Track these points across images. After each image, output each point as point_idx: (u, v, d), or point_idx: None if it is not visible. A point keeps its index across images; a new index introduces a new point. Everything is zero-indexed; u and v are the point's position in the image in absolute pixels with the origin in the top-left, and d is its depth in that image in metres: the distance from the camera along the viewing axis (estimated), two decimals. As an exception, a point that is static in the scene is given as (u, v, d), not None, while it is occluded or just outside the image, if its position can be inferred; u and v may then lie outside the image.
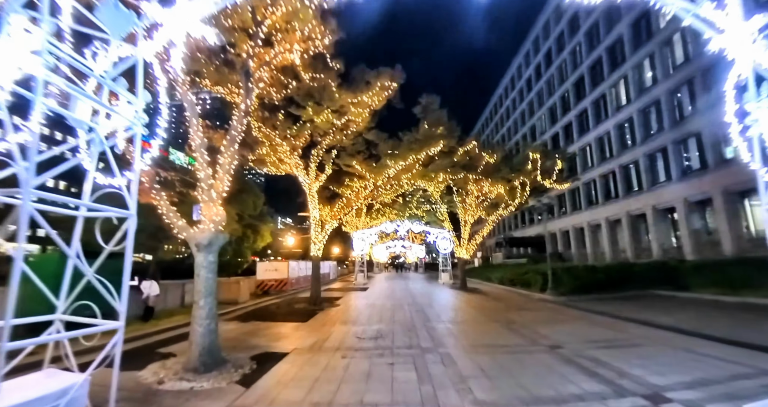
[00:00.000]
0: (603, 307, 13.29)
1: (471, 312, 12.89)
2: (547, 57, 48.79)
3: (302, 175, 15.51)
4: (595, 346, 7.69)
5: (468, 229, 23.91)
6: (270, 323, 10.94)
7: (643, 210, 32.20)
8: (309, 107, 12.83)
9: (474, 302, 15.92)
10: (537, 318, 11.62)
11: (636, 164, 33.30)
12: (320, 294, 14.82)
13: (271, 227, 27.59)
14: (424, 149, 13.61)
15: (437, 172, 15.82)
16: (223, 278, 16.37)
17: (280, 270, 20.11)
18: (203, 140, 6.80)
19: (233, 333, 9.65)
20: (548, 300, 16.79)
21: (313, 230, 15.42)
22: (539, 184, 21.83)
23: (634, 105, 33.06)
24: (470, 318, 11.57)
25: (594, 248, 40.00)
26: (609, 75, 36.14)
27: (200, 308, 6.57)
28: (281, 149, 14.85)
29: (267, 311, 13.67)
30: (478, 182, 20.08)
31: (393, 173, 14.79)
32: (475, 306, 14.33)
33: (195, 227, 6.85)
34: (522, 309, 13.93)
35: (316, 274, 14.95)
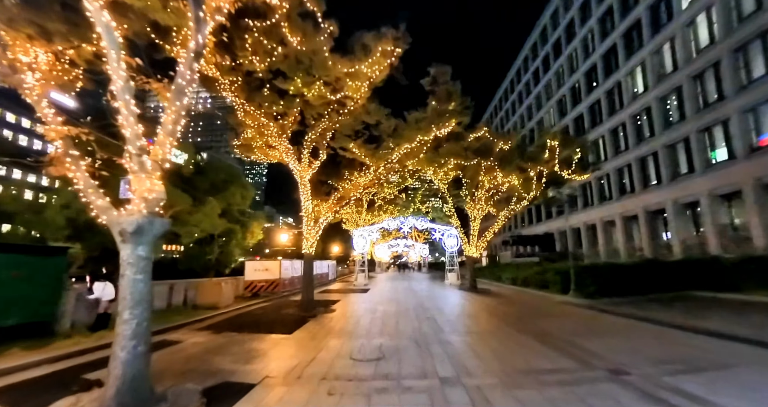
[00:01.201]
0: (645, 312, 11.25)
1: (490, 319, 10.86)
2: (556, 47, 46.71)
3: (293, 162, 13.54)
4: (672, 370, 5.67)
5: (477, 225, 21.89)
6: (247, 335, 8.94)
7: (663, 205, 30.14)
8: (298, 78, 10.85)
9: (489, 306, 13.90)
10: (572, 327, 9.60)
11: (654, 156, 31.23)
12: (313, 298, 12.82)
13: (262, 222, 25.70)
14: (432, 128, 11.59)
15: (447, 157, 13.77)
16: (203, 280, 14.41)
17: (271, 270, 18.12)
18: (128, 82, 4.80)
19: (196, 349, 7.64)
20: (573, 304, 14.77)
21: (305, 224, 13.44)
22: (556, 175, 19.78)
23: (651, 93, 31.00)
24: (492, 327, 9.54)
25: (607, 246, 37.91)
26: (624, 62, 34.07)
27: (124, 323, 4.59)
28: (268, 131, 12.89)
29: (249, 318, 11.67)
30: (491, 172, 18.04)
31: (396, 158, 12.78)
32: (492, 312, 12.30)
33: (124, 209, 4.88)
34: (548, 314, 11.91)
35: (308, 275, 12.96)
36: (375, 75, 11.29)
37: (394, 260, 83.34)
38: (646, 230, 32.33)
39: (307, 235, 13.28)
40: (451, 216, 23.23)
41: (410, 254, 66.11)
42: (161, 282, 12.82)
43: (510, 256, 39.40)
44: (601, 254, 38.02)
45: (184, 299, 13.62)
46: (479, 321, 10.52)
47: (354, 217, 34.18)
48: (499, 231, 22.51)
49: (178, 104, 5.20)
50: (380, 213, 34.49)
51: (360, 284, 25.85)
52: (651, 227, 32.16)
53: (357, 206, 34.04)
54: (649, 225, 32.16)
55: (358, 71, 11.05)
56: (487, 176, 18.44)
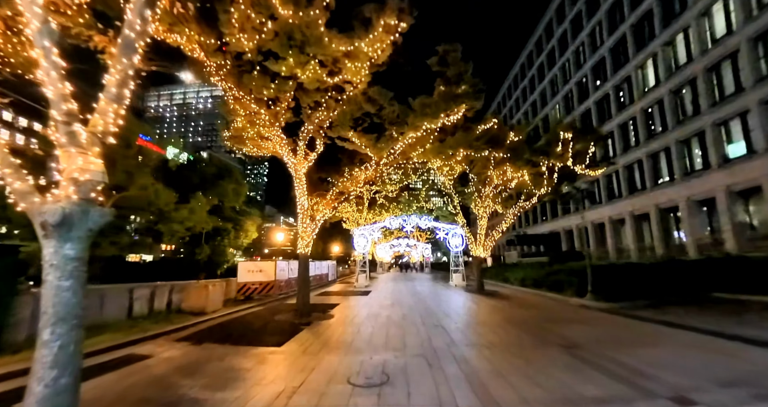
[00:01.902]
0: (675, 317, 10.15)
1: (506, 326, 9.66)
2: (561, 41, 45.50)
3: (287, 154, 12.37)
4: (745, 397, 4.51)
5: (485, 223, 20.68)
6: (230, 347, 7.77)
7: (675, 202, 28.97)
8: (290, 55, 9.67)
9: (502, 310, 12.70)
10: (601, 335, 8.42)
11: (667, 152, 30.06)
12: (309, 302, 11.64)
13: (257, 221, 24.38)
14: (440, 115, 10.40)
15: (456, 148, 12.56)
16: (189, 282, 13.25)
17: (265, 271, 16.94)
18: (47, 24, 3.62)
19: (164, 367, 6.46)
20: (592, 307, 13.57)
21: (300, 222, 12.26)
22: (569, 169, 18.57)
23: (664, 86, 29.82)
24: (511, 337, 8.34)
25: (616, 245, 36.72)
26: (635, 55, 32.87)
27: (44, 346, 3.40)
28: (260, 119, 11.74)
29: (236, 326, 10.48)
30: (500, 167, 16.85)
31: (400, 149, 11.59)
32: (507, 317, 11.10)
33: (50, 195, 3.71)
34: (569, 320, 10.72)
35: (303, 277, 11.77)
36: (376, 55, 10.11)
37: (396, 260, 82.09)
38: (657, 229, 31.17)
39: (303, 234, 12.09)
40: (457, 214, 22.05)
41: (412, 254, 64.89)
42: (143, 285, 11.67)
43: (516, 256, 38.18)
44: (610, 254, 36.85)
45: (168, 304, 12.46)
46: (495, 329, 9.33)
47: (355, 216, 33.02)
48: (503, 231, 21.30)
49: (126, 61, 4.01)
50: (382, 212, 33.28)
51: (361, 286, 24.67)
52: (663, 225, 31.00)
53: (358, 205, 32.90)
54: (661, 223, 31.00)
55: (357, 50, 9.87)
56: (496, 171, 17.24)
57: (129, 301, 10.94)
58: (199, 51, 10.27)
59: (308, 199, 12.53)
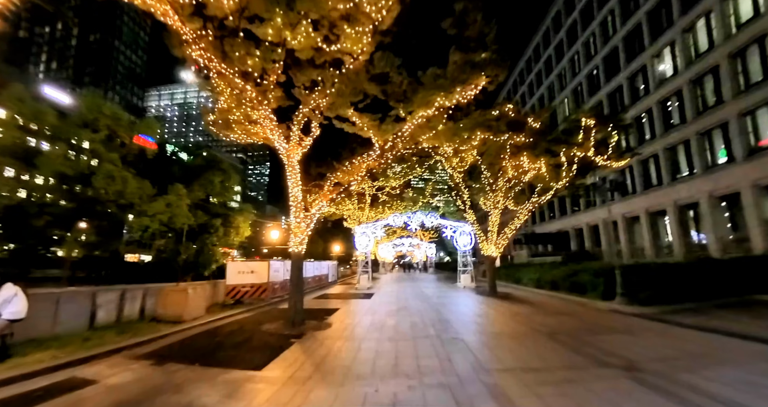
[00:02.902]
0: (731, 324, 8.66)
1: (538, 339, 8.01)
2: (570, 33, 43.80)
3: (278, 138, 10.77)
4: None
5: (497, 220, 19.05)
6: (197, 370, 6.16)
7: (695, 198, 27.25)
8: (277, 14, 8.07)
9: (525, 317, 11.05)
10: (659, 351, 6.82)
11: (686, 145, 28.31)
12: (303, 308, 10.01)
13: (249, 217, 22.71)
14: (456, 88, 8.76)
15: (472, 130, 10.86)
16: (166, 285, 11.66)
17: (257, 273, 15.32)
18: None
19: (99, 402, 4.85)
20: (626, 313, 11.95)
21: (292, 216, 10.66)
22: (589, 160, 16.93)
23: (682, 76, 28.11)
24: (551, 356, 6.69)
25: (630, 245, 35.00)
26: (650, 44, 31.15)
27: None
28: (246, 98, 10.15)
29: (215, 338, 8.85)
30: (516, 157, 15.25)
31: (408, 132, 9.96)
32: (534, 327, 9.46)
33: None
34: (607, 329, 9.09)
35: (296, 279, 10.15)
36: (380, 16, 8.50)
37: (398, 260, 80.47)
38: (675, 226, 29.43)
39: (296, 229, 10.48)
40: (466, 210, 20.39)
41: (415, 253, 63.26)
42: (110, 288, 10.11)
43: (526, 255, 36.53)
44: (624, 253, 35.14)
45: (141, 310, 10.87)
46: (525, 342, 7.68)
47: (356, 214, 31.41)
48: (516, 228, 19.68)
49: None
50: (385, 209, 31.65)
51: (363, 288, 23.05)
52: (681, 222, 29.28)
53: (359, 203, 31.31)
54: (679, 221, 29.27)
55: (357, 9, 8.26)
56: (511, 162, 15.62)
57: (91, 308, 9.33)
58: (173, 16, 8.69)
59: (302, 190, 10.93)
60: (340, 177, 10.98)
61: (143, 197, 16.33)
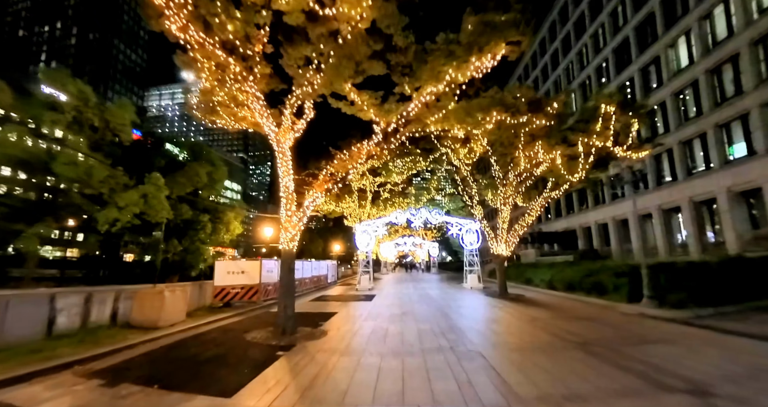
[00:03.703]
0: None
1: (572, 353, 6.72)
2: (578, 25, 42.41)
3: (267, 121, 9.51)
4: None
5: (507, 216, 17.77)
6: (153, 394, 4.89)
7: (713, 194, 25.88)
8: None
9: (547, 324, 9.75)
10: (733, 369, 5.53)
11: (702, 138, 26.94)
12: (294, 314, 8.74)
13: (241, 213, 21.32)
14: (471, 56, 7.49)
15: (488, 110, 9.51)
16: (142, 287, 10.41)
17: (248, 273, 14.06)
18: None
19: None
20: (658, 317, 10.65)
21: (283, 209, 9.41)
22: (607, 151, 15.62)
23: (699, 66, 26.76)
24: (596, 377, 5.39)
25: (642, 243, 33.54)
26: (664, 33, 29.79)
27: None
28: (230, 74, 8.92)
29: (188, 350, 7.57)
30: (531, 146, 13.97)
31: (414, 111, 8.68)
32: (561, 336, 8.16)
33: None
34: (648, 339, 7.80)
35: (286, 282, 8.88)
36: (382, -28, 7.23)
37: (400, 259, 79.19)
38: (691, 224, 28.06)
39: (287, 224, 9.21)
40: (473, 206, 19.10)
41: (417, 253, 61.94)
42: (71, 290, 8.85)
43: (534, 255, 35.17)
44: (635, 252, 33.76)
45: (113, 315, 9.61)
46: (556, 357, 6.39)
47: (357, 212, 30.12)
48: (527, 225, 18.39)
49: None
50: (387, 207, 30.35)
51: (364, 289, 21.76)
52: (697, 219, 27.92)
53: (360, 200, 30.03)
54: (695, 218, 27.91)
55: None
56: (525, 152, 14.33)
57: (50, 313, 8.08)
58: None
59: (295, 180, 9.67)
60: (337, 166, 9.71)
61: (117, 187, 14.94)
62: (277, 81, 10.12)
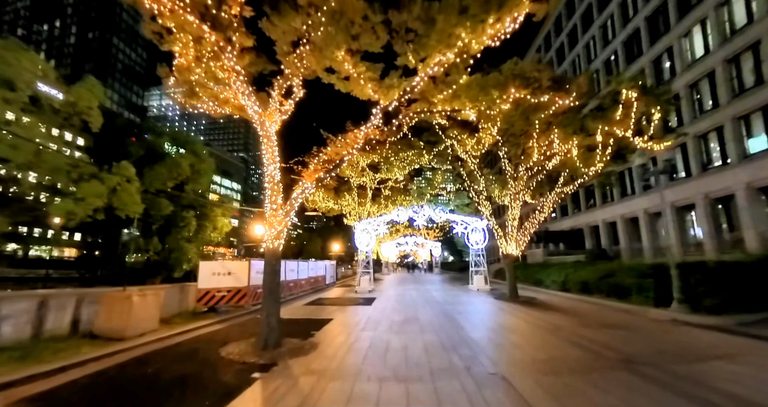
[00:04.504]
0: None
1: (622, 376, 5.43)
2: (585, 17, 41.08)
3: (250, 102, 8.25)
4: None
5: (517, 213, 16.50)
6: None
7: (730, 190, 24.57)
8: None
9: (573, 334, 8.47)
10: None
11: (719, 132, 25.62)
12: (280, 325, 7.47)
13: (230, 210, 19.88)
14: (489, 17, 6.23)
15: (504, 87, 8.19)
16: (106, 290, 9.17)
17: (235, 274, 12.80)
18: None
19: None
20: (693, 323, 9.39)
21: (268, 202, 8.15)
22: (627, 141, 14.32)
23: (715, 55, 25.45)
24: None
25: (653, 242, 32.27)
26: (677, 22, 28.48)
27: None
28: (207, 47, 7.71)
29: (149, 367, 6.31)
30: (546, 135, 12.72)
31: (420, 86, 7.42)
32: (599, 351, 6.88)
33: None
34: (702, 355, 6.51)
35: (270, 285, 7.61)
36: None
37: (401, 259, 77.90)
38: (707, 222, 26.72)
39: (272, 218, 7.96)
40: (480, 203, 17.81)
41: (419, 252, 60.63)
42: (19, 294, 7.62)
43: (541, 254, 33.88)
44: (646, 251, 32.43)
45: (74, 323, 8.37)
46: (600, 382, 5.11)
47: (357, 210, 28.86)
48: (539, 222, 17.14)
49: None
50: (388, 205, 29.07)
51: (363, 291, 20.49)
52: (713, 217, 26.58)
53: (360, 197, 28.76)
54: (711, 215, 26.57)
55: None
56: (539, 141, 13.07)
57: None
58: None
59: (282, 168, 8.42)
60: (331, 152, 8.45)
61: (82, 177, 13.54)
62: (264, 61, 8.92)
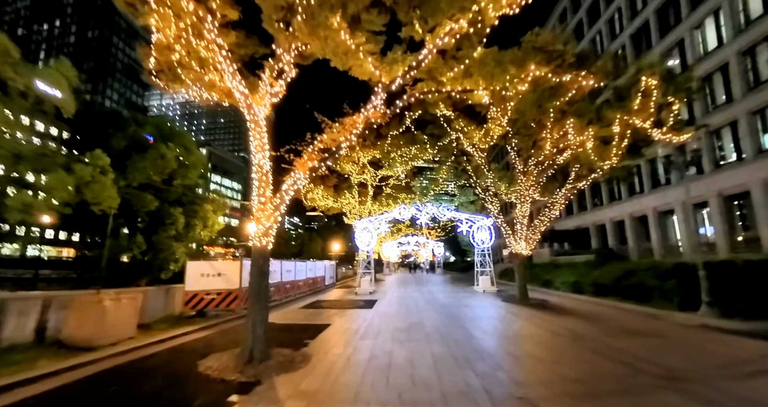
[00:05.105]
0: None
1: (674, 400, 4.52)
2: (592, 11, 40.12)
3: (234, 81, 7.33)
4: None
5: (527, 210, 15.57)
6: None
7: (745, 187, 23.60)
8: None
9: (599, 343, 7.53)
10: None
11: (733, 126, 24.66)
12: (266, 334, 6.55)
13: (221, 206, 18.86)
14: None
15: (523, 63, 7.23)
16: (77, 293, 8.25)
17: (226, 276, 11.89)
18: None
19: None
20: (733, 331, 8.43)
21: (255, 194, 7.23)
22: (646, 133, 13.37)
23: (729, 47, 24.51)
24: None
25: (663, 242, 31.28)
26: (689, 14, 27.52)
27: None
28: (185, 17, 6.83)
29: (109, 387, 5.38)
30: (561, 124, 11.80)
31: (426, 61, 6.49)
32: (635, 364, 5.94)
33: None
34: (753, 369, 5.58)
35: (257, 289, 6.73)
36: None
37: (403, 259, 76.94)
38: (720, 220, 25.73)
39: (259, 213, 7.05)
40: (487, 199, 16.87)
41: (421, 252, 59.66)
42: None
43: (548, 254, 32.92)
44: (655, 251, 31.44)
45: (39, 330, 7.46)
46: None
47: (358, 208, 27.93)
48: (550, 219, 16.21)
49: None
50: (390, 203, 28.13)
51: (364, 292, 19.56)
52: (727, 215, 25.60)
53: (361, 196, 27.84)
54: (724, 213, 25.58)
55: None
56: (553, 132, 12.15)
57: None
58: None
59: (271, 157, 7.51)
60: (327, 139, 7.52)
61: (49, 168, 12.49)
62: (255, 42, 8.05)
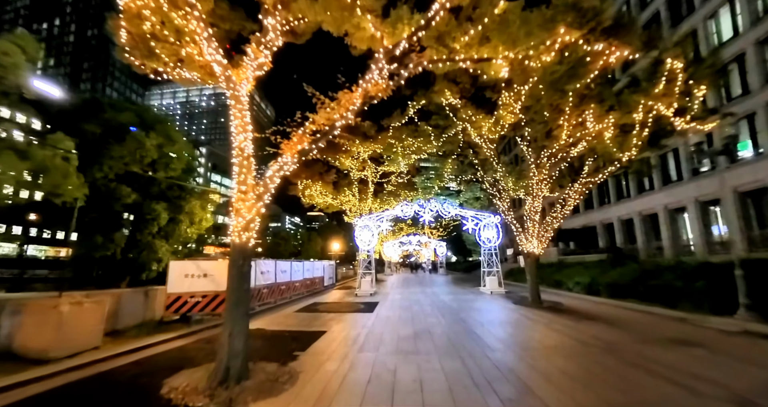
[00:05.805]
0: None
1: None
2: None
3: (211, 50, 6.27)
4: None
5: (539, 205, 14.50)
6: None
7: (763, 183, 22.56)
8: None
9: (637, 355, 6.44)
10: None
11: (750, 120, 23.60)
12: (245, 347, 5.48)
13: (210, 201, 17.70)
14: None
15: (551, 24, 6.05)
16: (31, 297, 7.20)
17: (212, 277, 10.82)
18: None
19: None
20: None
21: (236, 182, 6.18)
22: (669, 121, 12.31)
23: (745, 37, 23.48)
24: None
25: (674, 240, 30.16)
26: (702, 4, 26.44)
27: None
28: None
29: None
30: (580, 109, 10.75)
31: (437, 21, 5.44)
32: (690, 386, 4.86)
33: None
34: None
35: (236, 294, 5.72)
36: None
37: (404, 259, 75.81)
38: (735, 218, 24.61)
39: (239, 204, 6.00)
40: (496, 195, 15.79)
41: (422, 252, 58.59)
42: None
43: (555, 254, 31.84)
44: (666, 250, 30.34)
45: (-14, 343, 6.42)
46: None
47: (358, 206, 26.89)
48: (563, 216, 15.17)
49: None
50: (391, 200, 27.07)
51: (364, 294, 18.48)
52: (742, 213, 24.49)
53: (361, 193, 26.79)
54: (740, 211, 24.47)
55: None
56: (571, 119, 11.09)
57: None
58: None
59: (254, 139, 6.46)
60: (320, 117, 6.47)
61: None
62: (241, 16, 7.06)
